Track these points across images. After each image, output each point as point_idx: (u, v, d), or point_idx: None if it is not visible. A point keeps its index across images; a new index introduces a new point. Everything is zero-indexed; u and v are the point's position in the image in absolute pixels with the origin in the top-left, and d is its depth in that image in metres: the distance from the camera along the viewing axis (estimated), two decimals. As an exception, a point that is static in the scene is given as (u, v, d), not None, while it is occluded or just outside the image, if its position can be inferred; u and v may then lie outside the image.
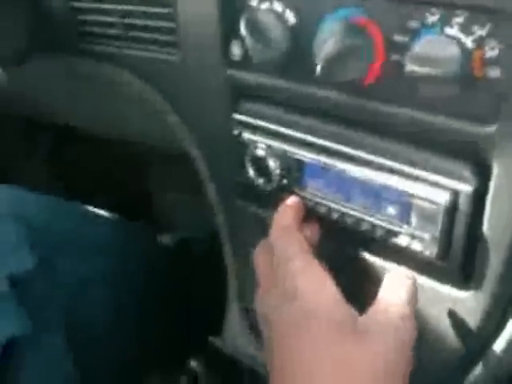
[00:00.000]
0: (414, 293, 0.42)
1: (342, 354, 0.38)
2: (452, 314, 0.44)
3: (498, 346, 0.44)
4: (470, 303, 0.43)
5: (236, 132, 0.53)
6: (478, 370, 0.45)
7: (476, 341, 0.44)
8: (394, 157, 0.44)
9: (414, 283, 0.42)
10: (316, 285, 0.40)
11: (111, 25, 0.59)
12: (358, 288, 0.45)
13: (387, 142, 0.44)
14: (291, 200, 0.48)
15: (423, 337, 0.44)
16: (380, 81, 0.43)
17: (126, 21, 0.58)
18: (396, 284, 0.42)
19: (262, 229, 0.49)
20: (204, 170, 0.60)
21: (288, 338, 0.40)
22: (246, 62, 0.50)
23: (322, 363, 0.38)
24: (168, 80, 0.57)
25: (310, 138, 0.48)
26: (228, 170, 0.56)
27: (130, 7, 0.57)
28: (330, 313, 0.39)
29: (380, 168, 0.44)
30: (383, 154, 0.44)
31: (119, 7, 0.58)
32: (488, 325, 0.43)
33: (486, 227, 0.41)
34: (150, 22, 0.56)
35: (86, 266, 0.68)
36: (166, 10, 0.53)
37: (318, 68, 0.43)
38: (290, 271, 0.41)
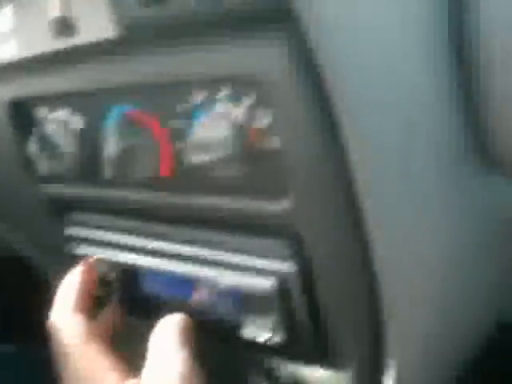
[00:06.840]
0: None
1: None
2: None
3: None
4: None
5: (68, 248, 0.48)
6: None
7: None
8: (207, 246, 0.40)
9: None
10: None
11: None
12: None
13: (195, 231, 0.40)
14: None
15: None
16: (175, 172, 0.39)
17: None
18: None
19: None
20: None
21: None
22: (53, 175, 0.46)
23: None
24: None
25: (131, 243, 0.44)
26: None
27: None
28: None
29: (192, 259, 0.40)
30: (192, 244, 0.40)
31: None
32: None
33: (322, 303, 0.37)
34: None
35: None
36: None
37: (105, 171, 0.39)
38: None
